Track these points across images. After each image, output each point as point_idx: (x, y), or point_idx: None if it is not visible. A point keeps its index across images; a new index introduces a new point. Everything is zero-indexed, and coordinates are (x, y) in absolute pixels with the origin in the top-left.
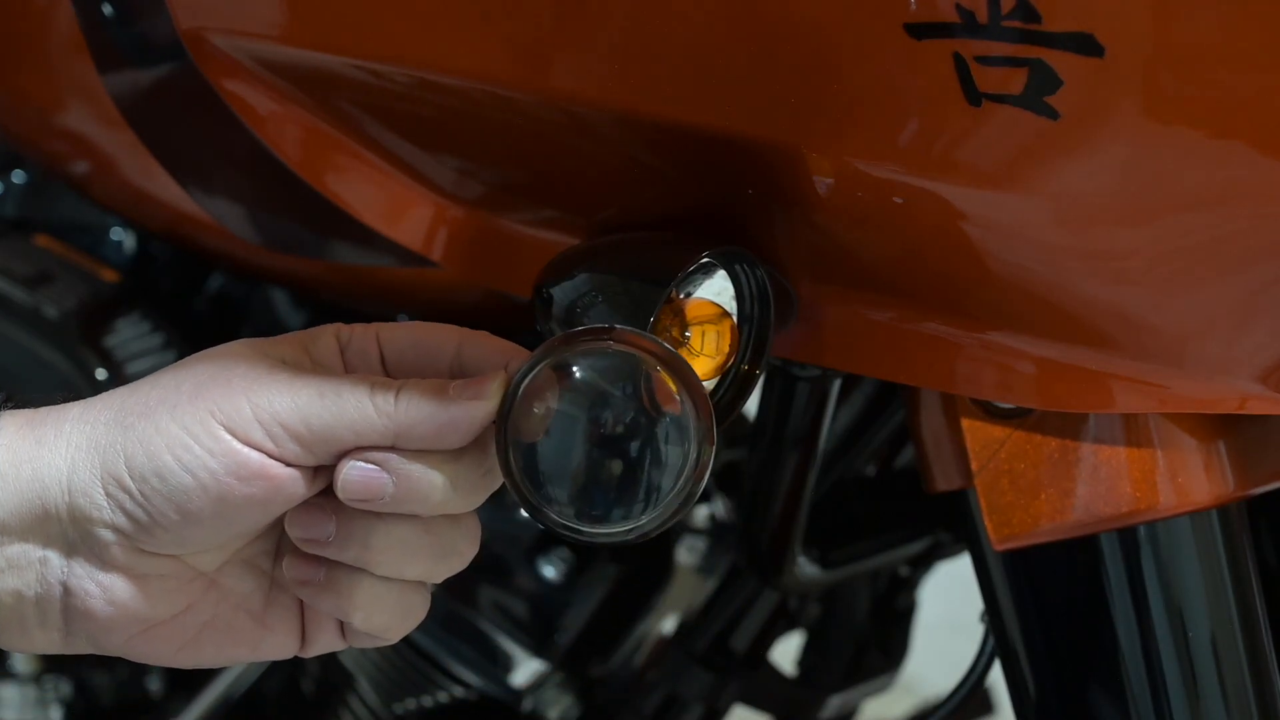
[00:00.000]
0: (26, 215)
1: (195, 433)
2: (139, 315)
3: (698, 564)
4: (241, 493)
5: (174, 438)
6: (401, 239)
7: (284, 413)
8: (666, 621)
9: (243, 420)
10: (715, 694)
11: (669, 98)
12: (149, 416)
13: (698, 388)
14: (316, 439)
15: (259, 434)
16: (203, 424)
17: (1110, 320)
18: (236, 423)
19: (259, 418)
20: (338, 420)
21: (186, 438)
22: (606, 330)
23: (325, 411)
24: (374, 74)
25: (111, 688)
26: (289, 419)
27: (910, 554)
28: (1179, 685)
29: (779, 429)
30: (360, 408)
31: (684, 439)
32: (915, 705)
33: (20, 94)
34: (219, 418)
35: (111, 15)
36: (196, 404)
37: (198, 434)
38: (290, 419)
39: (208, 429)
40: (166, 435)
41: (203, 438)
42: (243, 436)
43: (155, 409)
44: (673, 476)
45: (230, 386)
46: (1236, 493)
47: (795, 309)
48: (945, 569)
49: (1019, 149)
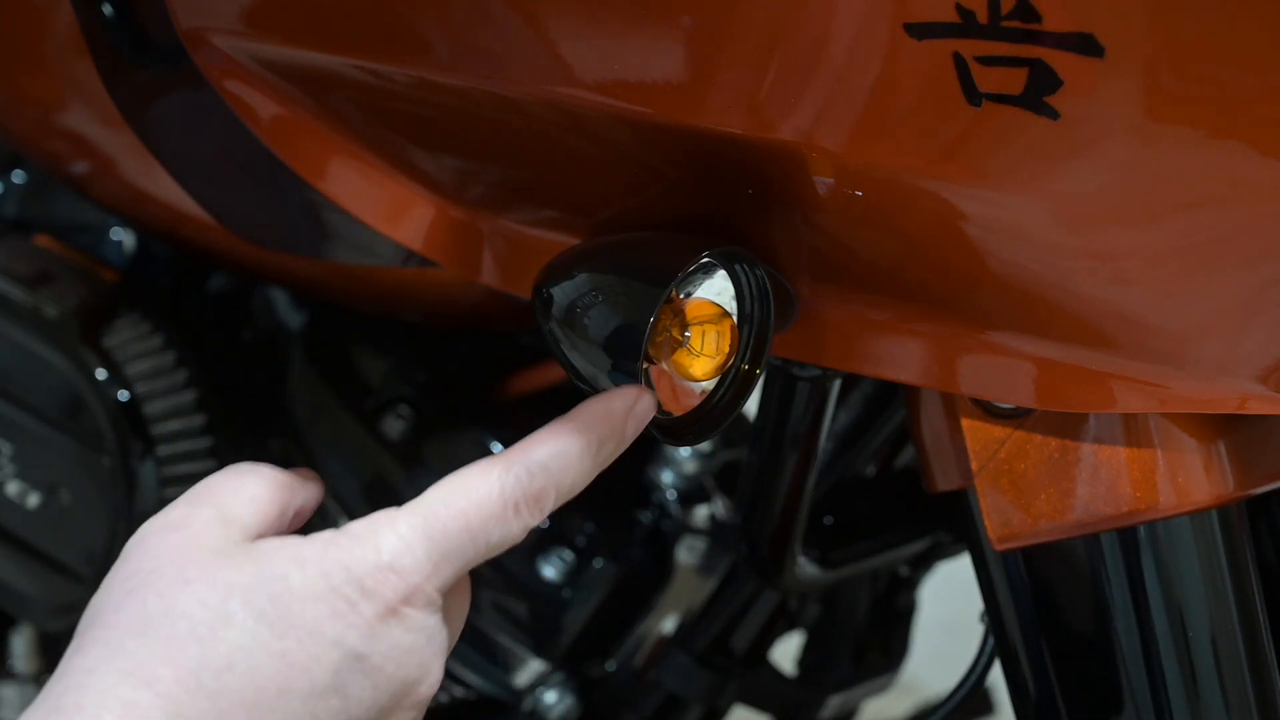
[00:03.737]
0: (26, 215)
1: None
2: (139, 315)
3: (698, 564)
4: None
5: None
6: (401, 239)
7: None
8: (666, 621)
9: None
10: (715, 694)
11: (669, 98)
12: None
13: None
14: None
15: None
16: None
17: (1110, 320)
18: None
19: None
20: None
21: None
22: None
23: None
24: (374, 74)
25: None
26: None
27: (910, 554)
28: (1179, 685)
29: (779, 429)
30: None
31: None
32: (915, 705)
33: (20, 94)
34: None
35: (111, 15)
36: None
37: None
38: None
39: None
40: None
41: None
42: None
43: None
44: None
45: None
46: (1236, 493)
47: (795, 309)
48: (945, 569)
49: (1019, 149)
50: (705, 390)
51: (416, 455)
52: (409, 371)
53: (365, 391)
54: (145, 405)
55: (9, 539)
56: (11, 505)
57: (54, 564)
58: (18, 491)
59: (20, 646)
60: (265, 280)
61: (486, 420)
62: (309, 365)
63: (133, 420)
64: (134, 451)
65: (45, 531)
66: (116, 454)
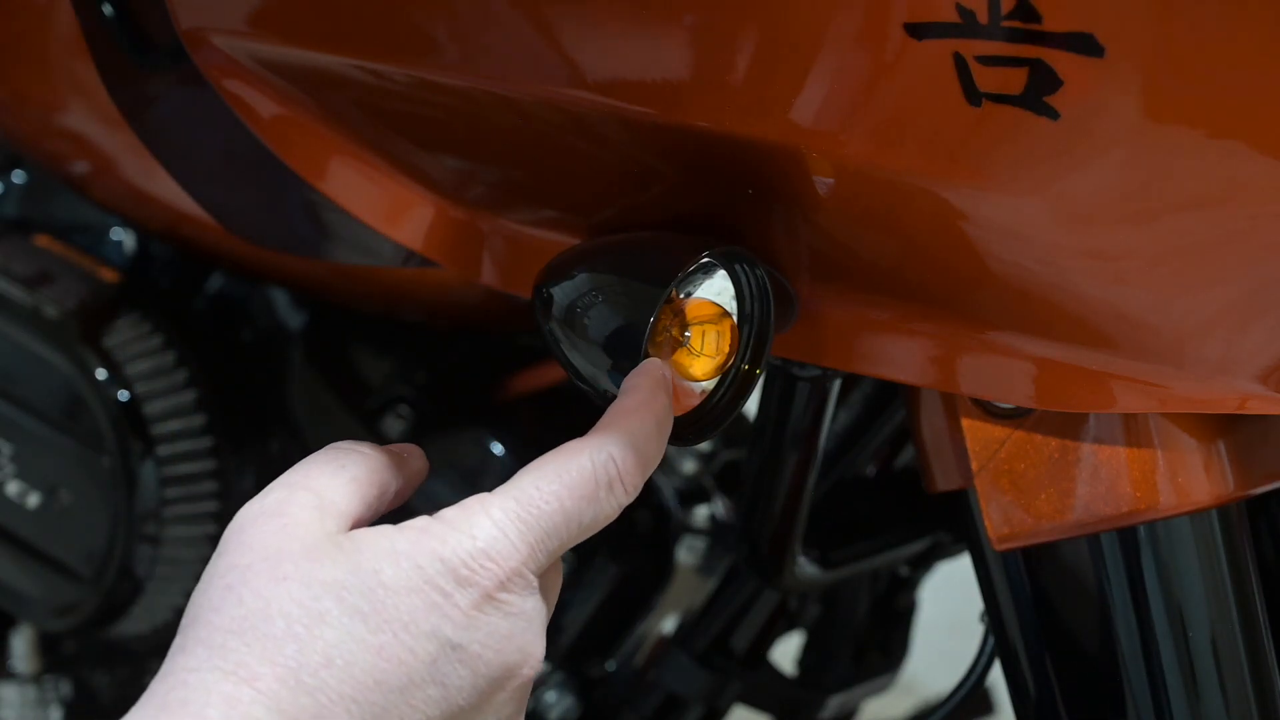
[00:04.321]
0: (26, 215)
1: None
2: (139, 315)
3: (698, 564)
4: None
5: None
6: (401, 239)
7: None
8: (666, 621)
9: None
10: (715, 694)
11: (669, 98)
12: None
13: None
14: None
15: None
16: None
17: (1110, 320)
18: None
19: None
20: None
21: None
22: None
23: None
24: (374, 74)
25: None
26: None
27: (910, 554)
28: (1179, 685)
29: (779, 429)
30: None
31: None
32: (915, 705)
33: (20, 94)
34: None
35: (111, 15)
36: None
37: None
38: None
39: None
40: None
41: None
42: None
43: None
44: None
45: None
46: (1236, 493)
47: (795, 309)
48: (945, 569)
49: (1019, 149)
50: (705, 390)
51: None
52: (409, 371)
53: (365, 391)
54: (145, 405)
55: (9, 539)
56: (11, 505)
57: (54, 564)
58: (18, 491)
59: (20, 646)
60: (265, 280)
61: (486, 420)
62: (309, 365)
63: (133, 420)
64: (134, 451)
65: (45, 531)
66: (116, 454)
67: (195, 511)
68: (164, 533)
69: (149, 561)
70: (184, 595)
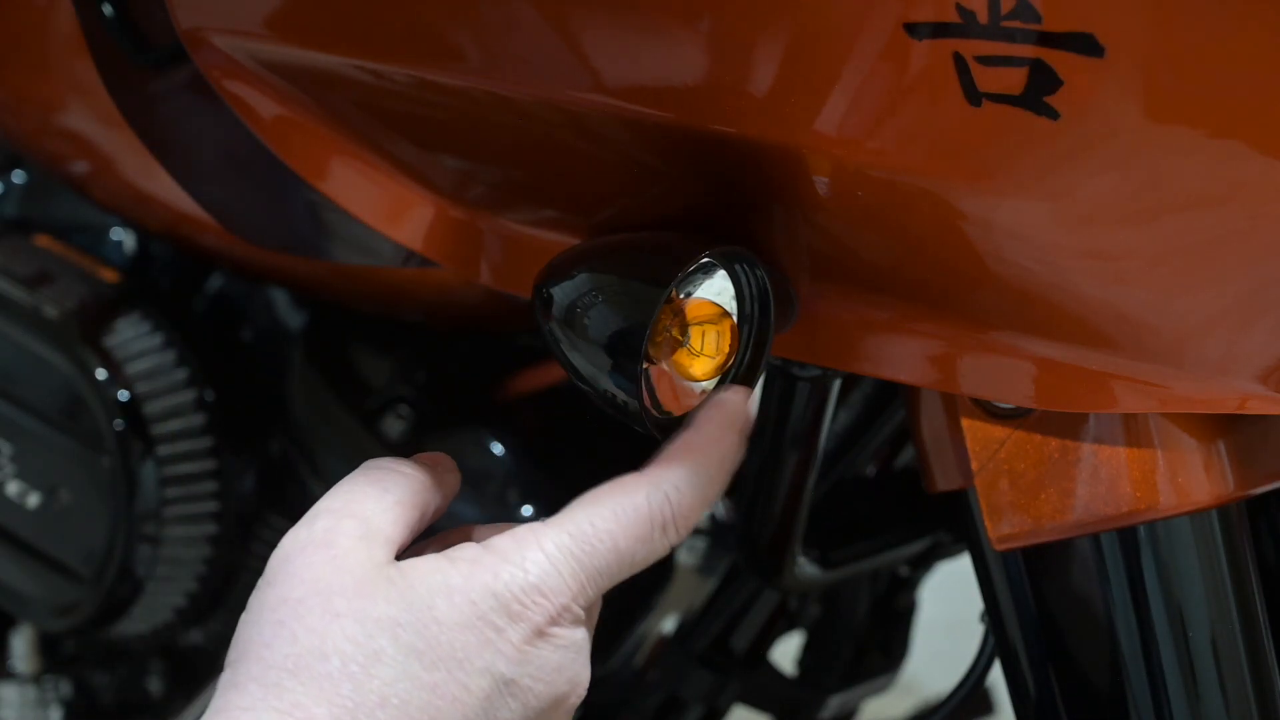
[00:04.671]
0: (26, 215)
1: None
2: (139, 315)
3: (698, 564)
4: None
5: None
6: (401, 239)
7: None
8: (666, 621)
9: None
10: (715, 694)
11: (669, 99)
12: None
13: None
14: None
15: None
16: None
17: (1110, 320)
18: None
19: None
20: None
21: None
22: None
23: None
24: (374, 74)
25: (111, 688)
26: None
27: (910, 554)
28: (1179, 685)
29: (779, 429)
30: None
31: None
32: (915, 705)
33: (20, 94)
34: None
35: (111, 15)
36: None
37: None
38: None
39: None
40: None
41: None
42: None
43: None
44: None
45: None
46: (1236, 493)
47: (795, 309)
48: (945, 569)
49: (1019, 149)
50: (705, 390)
51: None
52: (409, 371)
53: (365, 391)
54: (145, 405)
55: (9, 539)
56: (11, 505)
57: (54, 564)
58: (18, 491)
59: (20, 646)
60: (265, 280)
61: (486, 420)
62: (309, 365)
63: (133, 420)
64: (134, 451)
65: (45, 531)
66: (116, 454)
67: (195, 511)
68: (164, 533)
69: (149, 561)
70: (184, 595)
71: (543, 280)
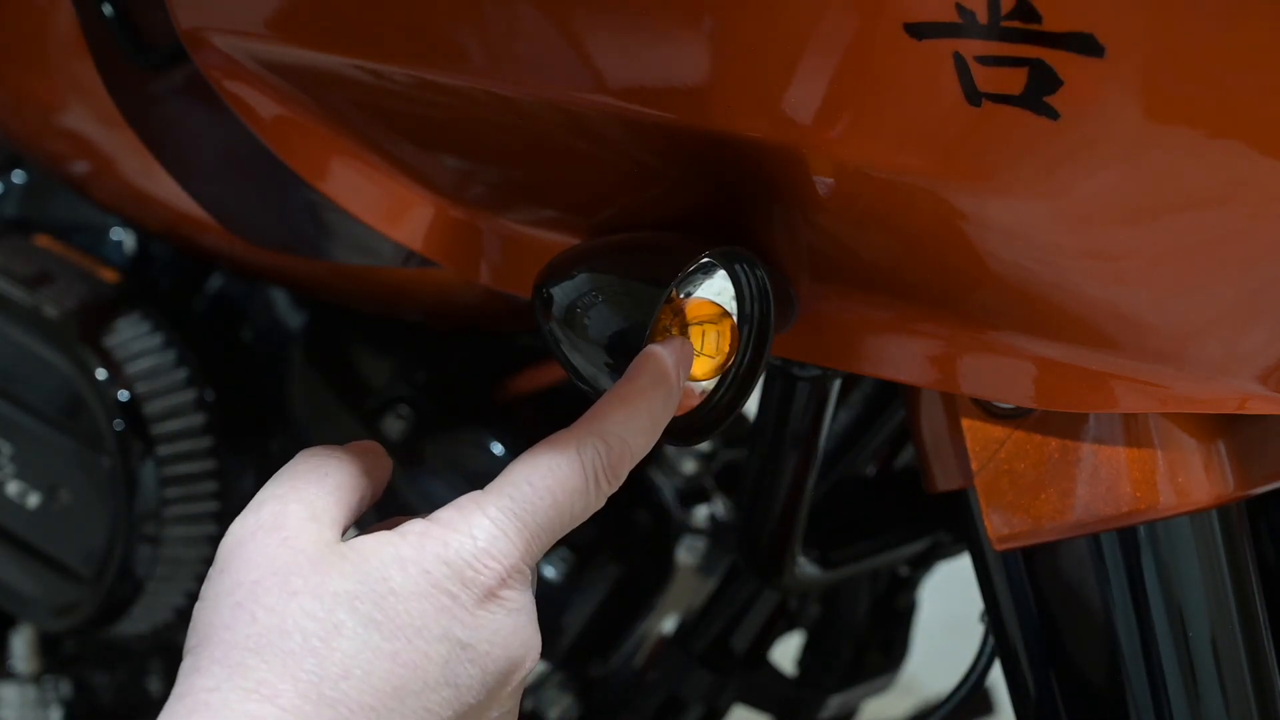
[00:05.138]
0: (26, 215)
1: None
2: (139, 315)
3: (698, 564)
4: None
5: None
6: (401, 239)
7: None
8: (666, 621)
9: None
10: (715, 694)
11: (669, 99)
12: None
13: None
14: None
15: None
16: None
17: (1110, 320)
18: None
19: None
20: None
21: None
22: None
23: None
24: (374, 74)
25: (111, 688)
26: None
27: (910, 554)
28: (1179, 685)
29: (779, 429)
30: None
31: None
32: (915, 705)
33: (20, 94)
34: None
35: (111, 15)
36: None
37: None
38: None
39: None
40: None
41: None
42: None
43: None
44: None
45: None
46: (1236, 493)
47: (795, 309)
48: (945, 569)
49: (1019, 149)
50: (705, 390)
51: (416, 455)
52: (409, 371)
53: (365, 392)
54: (145, 405)
55: (9, 539)
56: (11, 505)
57: (54, 564)
58: (18, 491)
59: (20, 646)
60: (265, 280)
61: (486, 420)
62: (309, 365)
63: (133, 420)
64: (134, 451)
65: (45, 531)
66: (116, 454)
67: (195, 511)
68: (164, 533)
69: (149, 561)
70: (184, 595)
71: (543, 280)
